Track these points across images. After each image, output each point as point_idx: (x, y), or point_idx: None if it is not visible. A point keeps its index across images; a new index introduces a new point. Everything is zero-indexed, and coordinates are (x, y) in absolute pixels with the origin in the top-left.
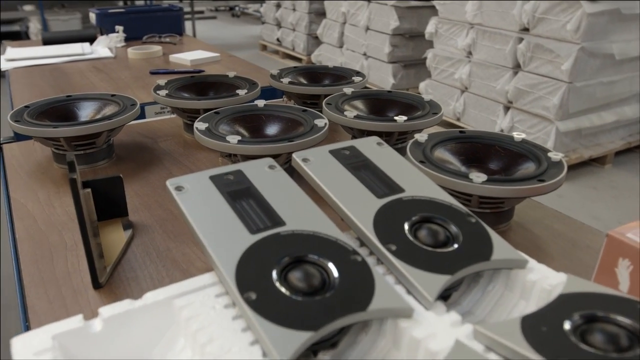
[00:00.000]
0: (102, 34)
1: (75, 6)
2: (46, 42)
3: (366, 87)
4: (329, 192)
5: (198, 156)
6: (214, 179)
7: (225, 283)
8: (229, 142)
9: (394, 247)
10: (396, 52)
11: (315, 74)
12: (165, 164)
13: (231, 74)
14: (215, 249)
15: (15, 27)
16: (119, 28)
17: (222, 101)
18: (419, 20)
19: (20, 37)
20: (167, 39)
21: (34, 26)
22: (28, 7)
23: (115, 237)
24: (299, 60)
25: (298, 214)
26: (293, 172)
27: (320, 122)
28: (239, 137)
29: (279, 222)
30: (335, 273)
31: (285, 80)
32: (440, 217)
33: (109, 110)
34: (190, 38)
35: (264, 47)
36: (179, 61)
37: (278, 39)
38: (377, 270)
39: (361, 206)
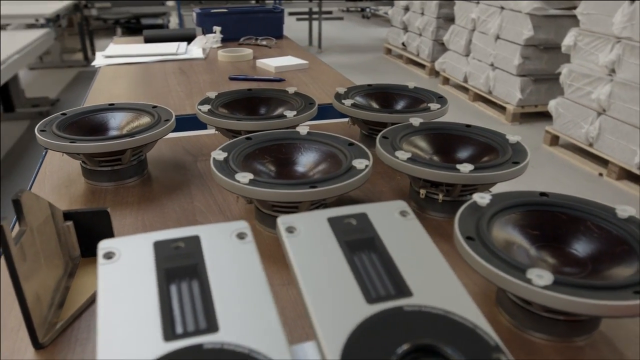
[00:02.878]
0: (203, 34)
1: (211, 2)
2: (147, 40)
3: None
4: (301, 283)
5: None
6: (158, 247)
7: None
8: (238, 181)
9: None
10: (527, 64)
11: (390, 95)
12: (192, 190)
13: (291, 90)
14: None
15: (159, 21)
16: (217, 29)
17: (265, 123)
18: (557, 30)
19: None
20: (264, 42)
21: (174, 20)
22: (171, 3)
23: (88, 282)
24: (422, 66)
25: (239, 317)
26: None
27: (360, 164)
28: (251, 176)
29: (213, 327)
30: None
31: (349, 101)
32: (450, 349)
33: (141, 124)
34: (289, 41)
35: (389, 51)
36: (264, 67)
37: (403, 44)
38: None
39: (338, 313)
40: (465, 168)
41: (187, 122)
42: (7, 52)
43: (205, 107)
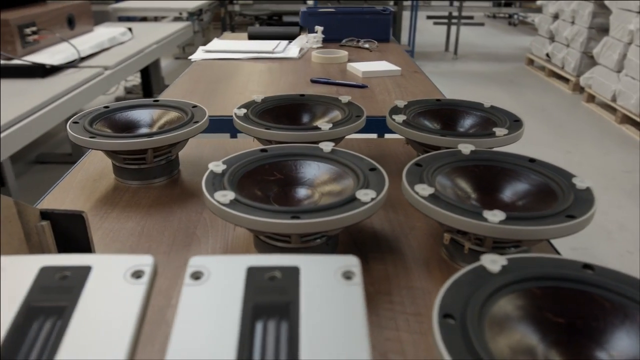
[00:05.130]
0: (307, 33)
1: (349, 2)
2: (251, 37)
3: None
4: (169, 350)
5: None
6: (42, 274)
7: None
8: (216, 200)
9: None
10: None
11: (458, 113)
12: None
13: (345, 99)
14: None
15: (296, 19)
16: (318, 28)
17: (295, 134)
18: None
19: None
20: (366, 45)
21: None
22: (310, 2)
23: None
24: (565, 80)
25: None
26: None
27: (365, 196)
28: (232, 196)
29: None
30: None
31: (400, 117)
32: None
33: (173, 122)
34: (394, 45)
35: (530, 62)
36: (353, 71)
37: (547, 55)
38: None
39: None
40: (495, 217)
41: None
42: (148, 42)
43: (242, 112)
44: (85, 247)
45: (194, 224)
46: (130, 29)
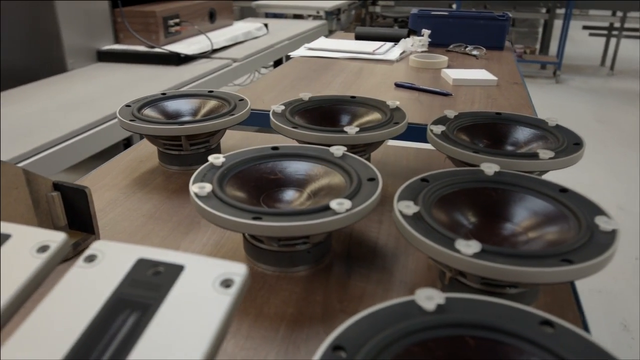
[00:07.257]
0: (415, 36)
1: (496, 6)
2: (358, 37)
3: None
4: (20, 329)
5: None
6: None
7: None
8: (193, 192)
9: None
10: None
11: (514, 129)
12: None
13: (392, 104)
14: None
15: None
16: (425, 32)
17: (319, 136)
18: None
19: None
20: (474, 52)
21: None
22: (454, 4)
23: None
24: None
25: None
26: None
27: (339, 206)
28: (209, 188)
29: None
30: None
31: (438, 128)
32: None
33: (213, 113)
34: (507, 54)
35: None
36: (445, 77)
37: None
38: None
39: None
40: (469, 249)
41: None
42: (280, 38)
43: (280, 109)
44: (88, 220)
45: (199, 216)
46: (266, 25)
